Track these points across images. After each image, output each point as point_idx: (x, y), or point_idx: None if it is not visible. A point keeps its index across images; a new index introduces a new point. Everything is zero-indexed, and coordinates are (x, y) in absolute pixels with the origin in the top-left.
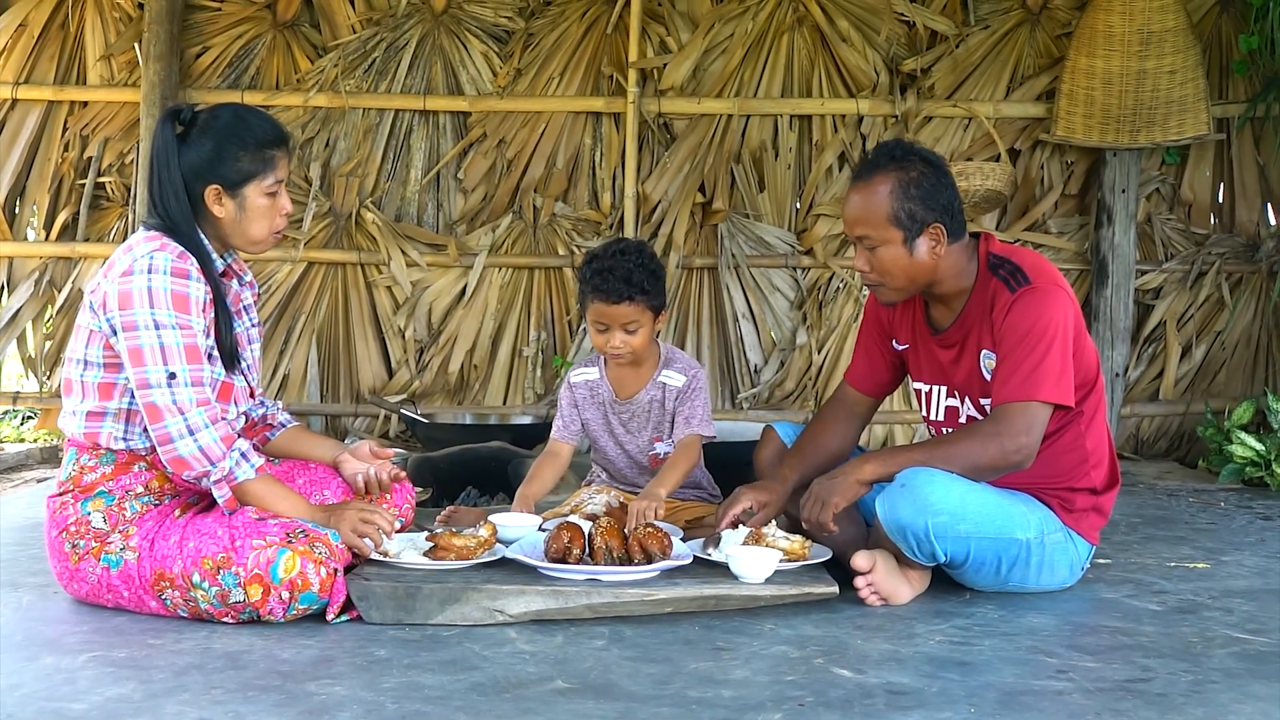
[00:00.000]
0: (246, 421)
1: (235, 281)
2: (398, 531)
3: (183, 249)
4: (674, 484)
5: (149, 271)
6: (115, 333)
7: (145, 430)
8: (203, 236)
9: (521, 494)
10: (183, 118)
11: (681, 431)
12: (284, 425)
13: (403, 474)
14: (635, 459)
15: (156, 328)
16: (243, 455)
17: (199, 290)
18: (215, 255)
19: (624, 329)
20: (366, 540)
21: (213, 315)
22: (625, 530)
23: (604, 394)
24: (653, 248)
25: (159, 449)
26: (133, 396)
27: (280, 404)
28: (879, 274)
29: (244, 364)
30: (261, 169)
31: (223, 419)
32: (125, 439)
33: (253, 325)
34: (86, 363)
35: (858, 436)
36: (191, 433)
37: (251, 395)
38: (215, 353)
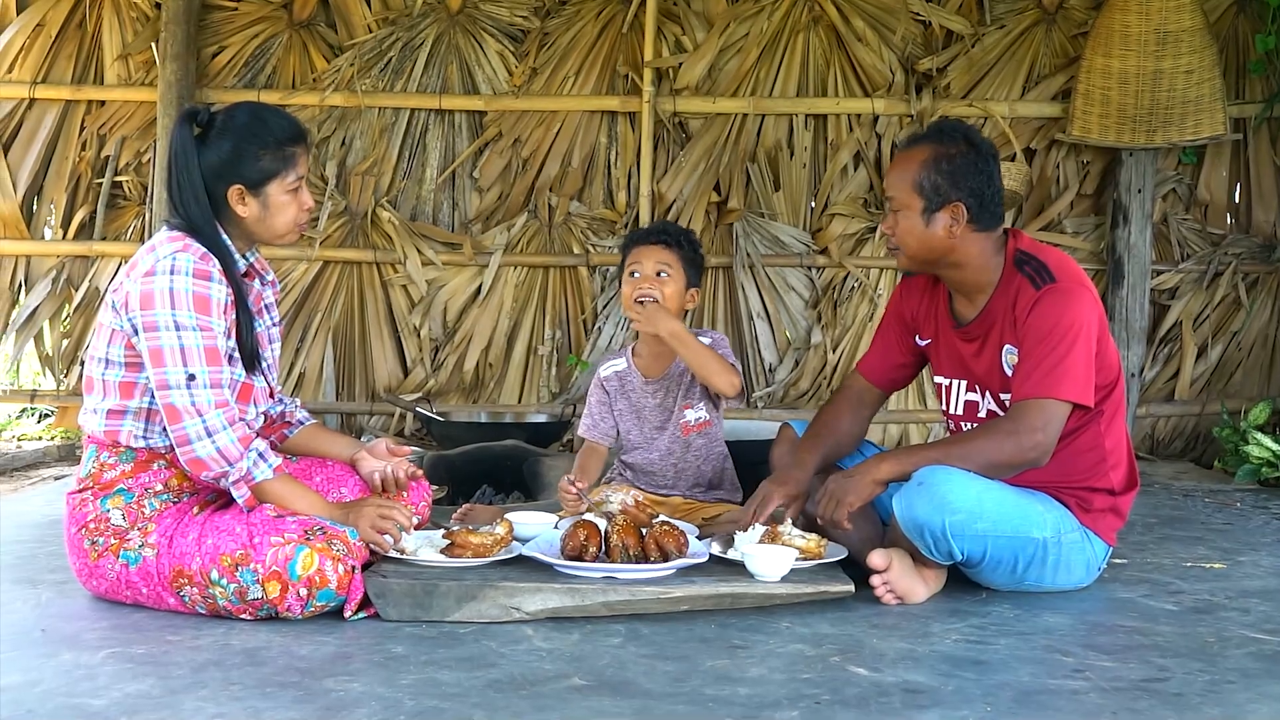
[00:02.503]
0: (265, 419)
1: (257, 281)
2: (414, 529)
3: (205, 250)
4: (694, 341)
5: (171, 272)
6: (136, 332)
7: (165, 429)
8: (225, 236)
9: (575, 473)
10: (200, 119)
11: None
12: (302, 423)
13: (419, 472)
14: (669, 435)
15: (177, 329)
16: (260, 456)
17: (220, 292)
18: (238, 255)
19: (655, 272)
20: (385, 536)
21: (234, 317)
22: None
23: (634, 380)
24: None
25: (177, 449)
26: (153, 396)
27: (298, 401)
28: (896, 238)
29: (264, 364)
30: (283, 167)
31: (241, 420)
32: (145, 437)
33: (274, 324)
34: (108, 361)
35: (866, 428)
36: (209, 434)
37: (271, 395)
38: (236, 354)
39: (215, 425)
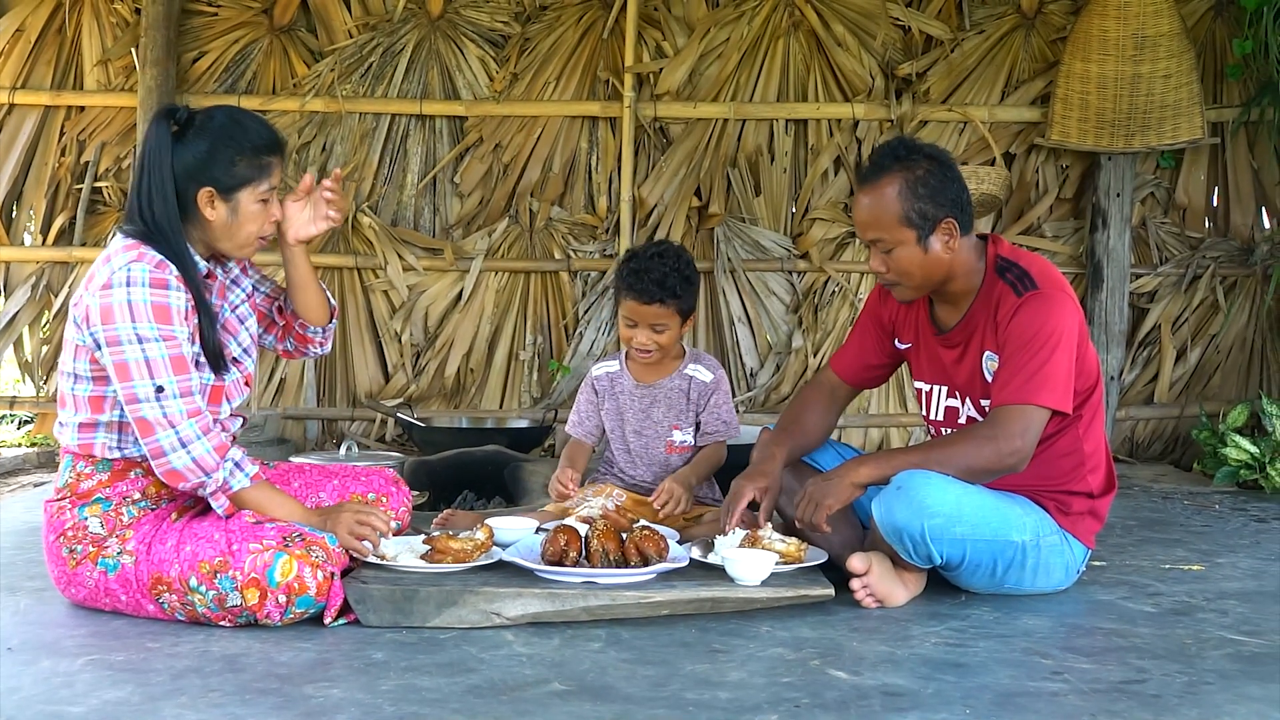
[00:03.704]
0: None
1: (220, 270)
2: (394, 535)
3: (161, 257)
4: (702, 477)
5: (127, 284)
6: (100, 347)
7: (138, 440)
8: (186, 241)
9: (564, 468)
10: (178, 117)
11: (718, 433)
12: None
13: (340, 175)
14: (650, 446)
15: (140, 342)
16: (236, 465)
17: (179, 299)
18: (198, 258)
19: (651, 328)
20: (364, 542)
21: (196, 321)
22: (628, 526)
23: (625, 383)
24: (690, 253)
25: (152, 462)
26: (124, 408)
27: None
28: (896, 274)
29: (231, 356)
30: (257, 175)
31: (215, 426)
32: (120, 448)
33: (245, 299)
34: (76, 376)
35: (835, 422)
36: (184, 445)
37: (248, 384)
38: (202, 358)
39: (189, 436)
